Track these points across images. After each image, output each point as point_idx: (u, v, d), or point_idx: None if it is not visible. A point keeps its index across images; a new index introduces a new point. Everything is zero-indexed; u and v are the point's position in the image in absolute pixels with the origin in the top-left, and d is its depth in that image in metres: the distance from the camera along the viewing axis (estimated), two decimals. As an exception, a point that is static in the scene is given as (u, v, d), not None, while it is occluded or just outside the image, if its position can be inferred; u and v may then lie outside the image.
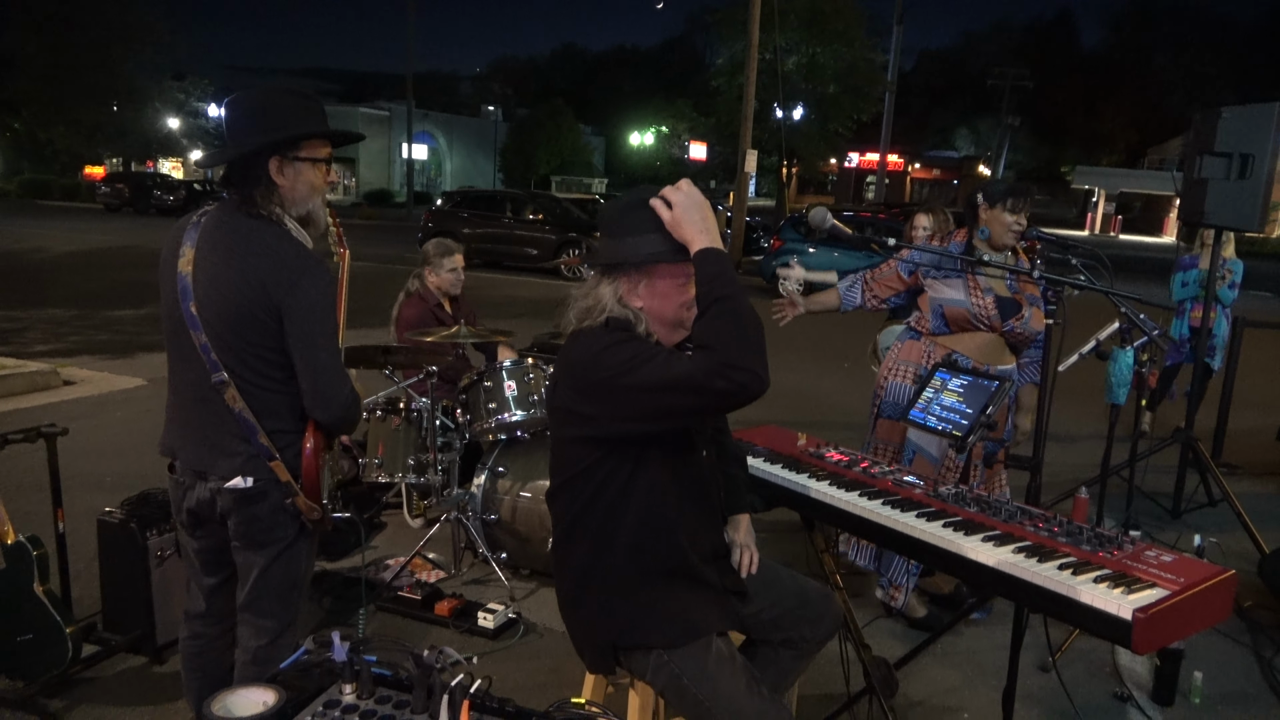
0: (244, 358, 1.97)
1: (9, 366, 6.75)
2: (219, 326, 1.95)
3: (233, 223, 1.99)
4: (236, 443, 2.01)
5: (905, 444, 3.38)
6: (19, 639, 2.72)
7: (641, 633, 1.90)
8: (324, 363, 1.99)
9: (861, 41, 28.29)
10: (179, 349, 2.03)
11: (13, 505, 2.88)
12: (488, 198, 19.04)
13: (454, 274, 4.42)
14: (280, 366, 2.00)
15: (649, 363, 1.71)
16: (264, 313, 1.94)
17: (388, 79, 66.96)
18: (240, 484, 2.01)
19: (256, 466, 2.02)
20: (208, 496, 2.05)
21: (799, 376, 8.28)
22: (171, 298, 2.00)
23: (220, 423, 2.00)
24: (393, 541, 4.20)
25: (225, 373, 1.96)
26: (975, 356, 3.32)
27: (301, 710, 1.31)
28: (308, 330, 1.97)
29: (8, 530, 2.71)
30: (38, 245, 17.77)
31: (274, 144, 1.97)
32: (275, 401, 2.02)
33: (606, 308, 1.86)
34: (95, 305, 10.75)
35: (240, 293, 1.93)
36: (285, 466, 2.04)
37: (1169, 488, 4.96)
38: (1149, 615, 1.64)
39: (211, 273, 1.95)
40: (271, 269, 1.94)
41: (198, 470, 2.05)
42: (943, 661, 3.31)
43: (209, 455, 2.03)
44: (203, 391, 2.00)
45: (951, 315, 3.31)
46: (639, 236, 1.83)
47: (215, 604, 2.24)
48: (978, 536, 1.99)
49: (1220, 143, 4.24)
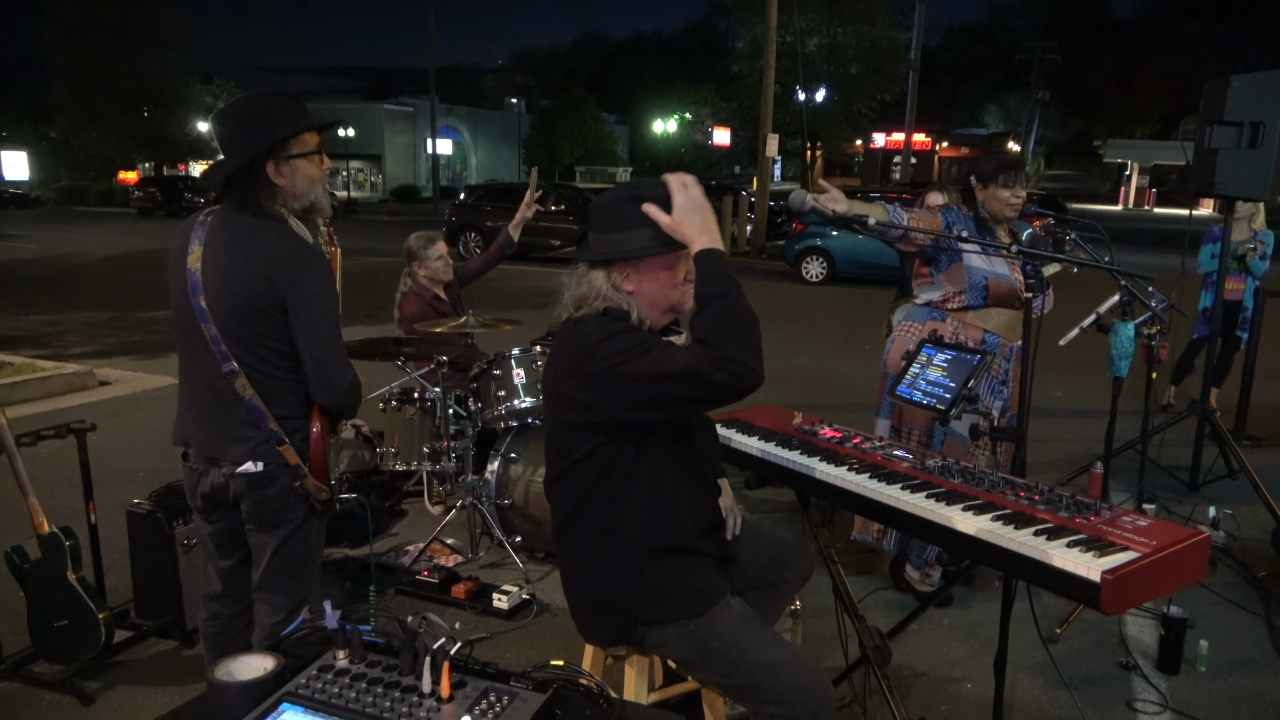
0: (252, 348, 2.07)
1: (48, 368, 6.99)
2: (228, 319, 2.05)
3: (237, 221, 2.09)
4: (246, 429, 2.11)
5: (935, 426, 3.35)
6: (55, 625, 2.86)
7: (662, 607, 1.97)
8: (327, 350, 2.10)
9: (883, 20, 28.04)
10: (190, 342, 2.14)
11: (50, 500, 3.02)
12: (511, 190, 19.14)
13: (441, 261, 4.44)
14: (286, 356, 2.11)
15: (648, 354, 1.77)
16: (269, 305, 2.05)
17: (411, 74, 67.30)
18: (251, 469, 2.12)
19: (265, 451, 2.12)
20: (221, 482, 2.16)
21: (817, 358, 8.31)
22: (182, 293, 2.10)
23: (230, 411, 2.11)
24: (414, 528, 4.32)
25: (235, 363, 2.07)
26: (1004, 334, 3.34)
27: (298, 674, 1.41)
28: (311, 320, 2.08)
29: (42, 521, 2.85)
30: (75, 250, 18.23)
31: (266, 149, 2.06)
32: (282, 389, 2.13)
33: (603, 294, 1.92)
34: (130, 307, 11.03)
35: (247, 286, 2.04)
36: (294, 450, 2.14)
37: (1188, 461, 4.94)
38: (1117, 577, 1.68)
39: (219, 268, 2.06)
40: (275, 263, 2.05)
41: (210, 457, 2.16)
42: (948, 634, 3.35)
43: (220, 442, 2.14)
44: (213, 381, 2.10)
45: (996, 289, 3.26)
46: (630, 231, 1.89)
47: (231, 585, 2.34)
48: (959, 506, 2.03)
49: (1230, 111, 4.20)
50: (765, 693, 1.90)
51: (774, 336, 9.27)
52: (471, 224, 17.33)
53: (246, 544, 2.26)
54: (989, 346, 3.28)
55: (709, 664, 1.97)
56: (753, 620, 2.00)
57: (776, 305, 11.69)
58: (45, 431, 3.04)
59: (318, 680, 1.39)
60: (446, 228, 17.77)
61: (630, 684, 2.14)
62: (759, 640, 1.95)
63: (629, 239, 1.89)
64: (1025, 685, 3.03)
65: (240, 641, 2.35)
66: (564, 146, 46.97)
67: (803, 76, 21.90)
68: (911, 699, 2.93)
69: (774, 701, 1.89)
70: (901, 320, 3.57)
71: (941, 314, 3.39)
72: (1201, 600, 3.59)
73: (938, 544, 2.05)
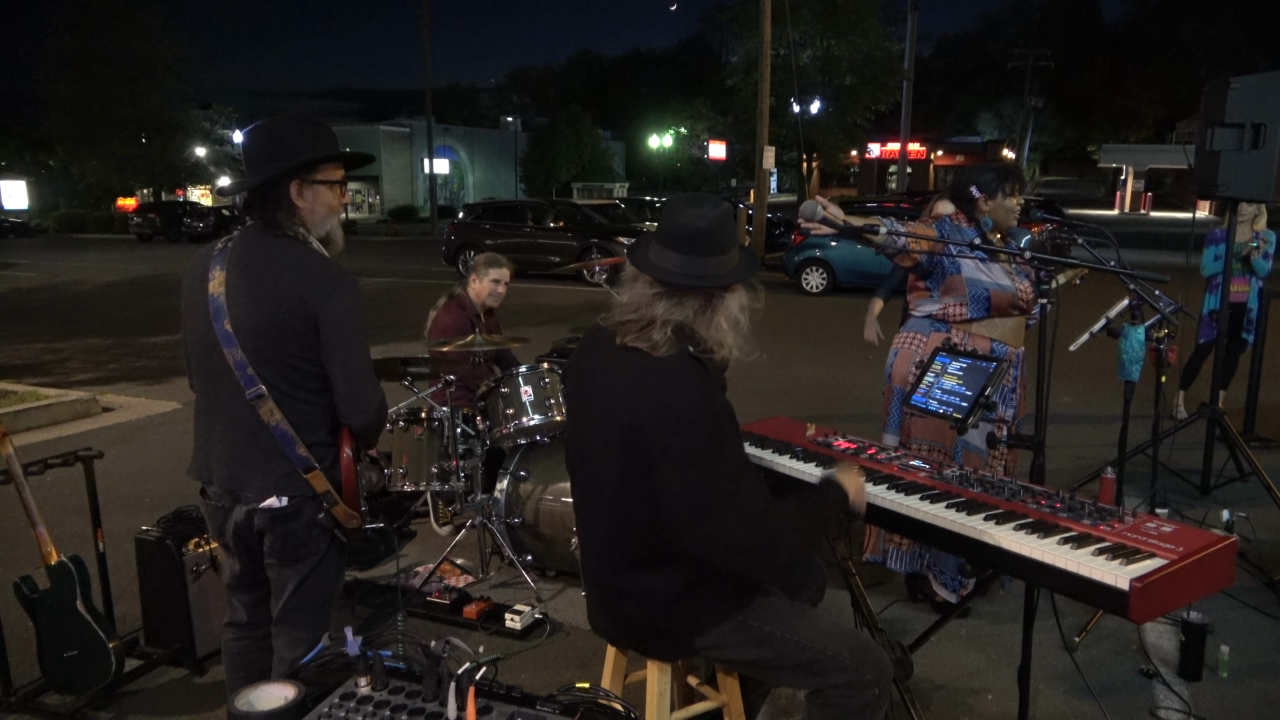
0: (282, 370, 2.05)
1: (51, 396, 6.97)
2: (256, 341, 2.03)
3: (261, 243, 2.09)
4: (270, 460, 2.07)
5: (953, 440, 3.28)
6: (66, 655, 2.83)
7: (717, 609, 1.96)
8: (358, 367, 2.10)
9: (876, 31, 28.14)
10: (209, 370, 2.10)
11: (58, 528, 3.00)
12: (509, 207, 19.21)
13: (495, 285, 4.46)
14: (315, 378, 2.09)
15: (736, 460, 1.84)
16: (300, 323, 2.03)
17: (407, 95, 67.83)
18: (275, 504, 2.08)
19: (290, 484, 2.09)
20: (243, 518, 2.13)
21: (822, 369, 8.29)
22: (203, 321, 2.07)
23: (254, 440, 2.07)
24: (422, 549, 4.29)
25: (262, 386, 2.03)
26: (1010, 341, 3.32)
27: (320, 702, 1.38)
28: (342, 336, 2.07)
29: (51, 551, 2.83)
30: (76, 278, 18.24)
31: (293, 168, 2.07)
32: (311, 413, 2.10)
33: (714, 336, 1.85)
34: (132, 333, 11.02)
35: (278, 306, 2.02)
36: (323, 476, 2.10)
37: (1199, 464, 4.91)
38: (1145, 584, 1.66)
39: (246, 290, 2.04)
40: (306, 281, 2.04)
41: (232, 491, 2.12)
42: (966, 645, 3.32)
43: (243, 475, 2.10)
44: (235, 411, 2.07)
45: (997, 300, 3.25)
46: (729, 254, 1.84)
47: (256, 615, 2.31)
48: (980, 515, 2.01)
49: (1231, 113, 4.20)
50: (829, 662, 1.93)
51: (777, 348, 9.26)
52: (471, 242, 17.34)
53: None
54: (998, 355, 3.26)
55: (767, 648, 1.95)
56: (798, 605, 2.06)
57: (778, 317, 11.68)
58: (53, 460, 3.02)
59: (340, 709, 1.37)
60: (446, 247, 17.79)
61: (652, 703, 2.11)
62: (811, 615, 2.02)
63: (731, 261, 1.87)
64: (1046, 695, 2.99)
65: (264, 662, 2.30)
66: (561, 163, 47.12)
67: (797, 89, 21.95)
68: (932, 712, 2.90)
69: (838, 669, 1.92)
70: (902, 332, 3.54)
71: (946, 325, 3.36)
72: (1220, 605, 3.56)
73: (959, 555, 2.03)
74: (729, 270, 1.84)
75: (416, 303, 13.06)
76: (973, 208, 3.24)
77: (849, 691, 1.93)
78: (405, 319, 10.97)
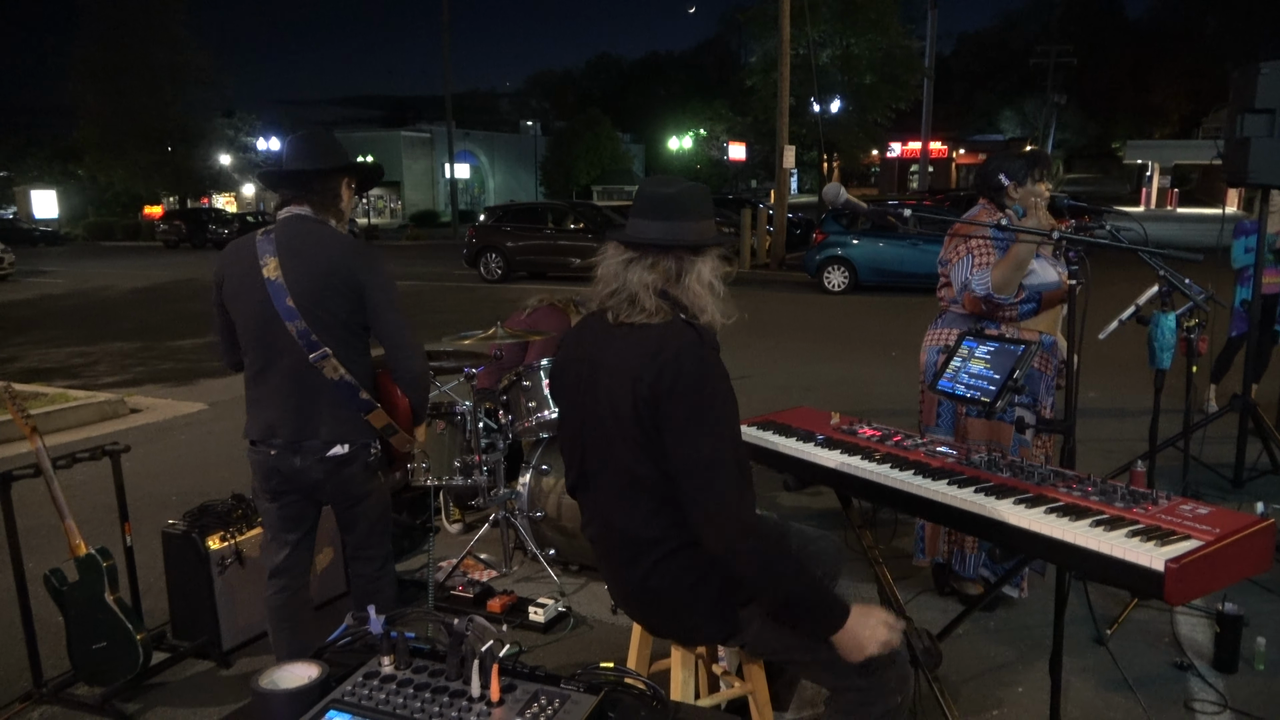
0: (338, 334, 2.41)
1: (79, 398, 7.06)
2: (315, 310, 2.37)
3: (305, 228, 2.45)
4: (335, 410, 2.43)
5: (1013, 438, 3.14)
6: (94, 646, 2.85)
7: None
8: (400, 322, 2.48)
9: (896, 29, 27.91)
10: (271, 343, 2.41)
11: (85, 525, 3.02)
12: (529, 210, 19.25)
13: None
14: (362, 339, 2.49)
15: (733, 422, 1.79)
16: (350, 289, 2.41)
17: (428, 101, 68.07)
18: (339, 450, 2.44)
19: (351, 430, 2.44)
20: (298, 466, 2.44)
21: (845, 366, 8.23)
22: (262, 302, 2.38)
23: (318, 397, 2.42)
24: (444, 544, 4.30)
25: (326, 348, 2.38)
26: (1053, 331, 3.27)
27: (343, 682, 1.38)
28: (386, 297, 2.46)
29: (79, 544, 2.85)
30: (104, 284, 18.49)
31: (353, 167, 2.55)
32: (363, 367, 2.48)
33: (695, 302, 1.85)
34: (158, 336, 11.15)
35: (332, 276, 2.39)
36: (384, 412, 2.48)
37: (1231, 458, 4.82)
38: (1181, 565, 1.62)
39: (303, 268, 2.38)
40: (351, 254, 2.44)
41: (296, 442, 2.43)
42: (995, 637, 3.27)
43: (310, 427, 2.43)
44: (300, 374, 2.40)
45: (1048, 297, 3.19)
46: (700, 223, 1.87)
47: (295, 559, 2.60)
48: (1009, 499, 1.98)
49: (1261, 99, 4.12)
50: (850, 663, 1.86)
51: (800, 346, 9.22)
52: (492, 245, 17.40)
53: (311, 519, 2.59)
54: (1045, 347, 3.21)
55: (790, 635, 1.91)
56: None
57: (801, 316, 11.61)
58: (80, 454, 3.05)
59: (364, 687, 1.37)
60: (467, 250, 17.84)
61: (676, 690, 2.09)
62: None
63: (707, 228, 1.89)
64: (1078, 687, 2.94)
65: (302, 613, 2.62)
66: (580, 167, 47.17)
67: (817, 88, 21.81)
68: (961, 703, 2.86)
69: (859, 673, 1.86)
70: (936, 328, 3.45)
71: (994, 323, 3.22)
72: (1254, 596, 3.49)
73: (988, 539, 2.00)
74: (698, 236, 1.86)
75: (437, 305, 13.13)
76: (1002, 195, 3.20)
77: (868, 697, 1.88)
78: (428, 320, 11.03)
